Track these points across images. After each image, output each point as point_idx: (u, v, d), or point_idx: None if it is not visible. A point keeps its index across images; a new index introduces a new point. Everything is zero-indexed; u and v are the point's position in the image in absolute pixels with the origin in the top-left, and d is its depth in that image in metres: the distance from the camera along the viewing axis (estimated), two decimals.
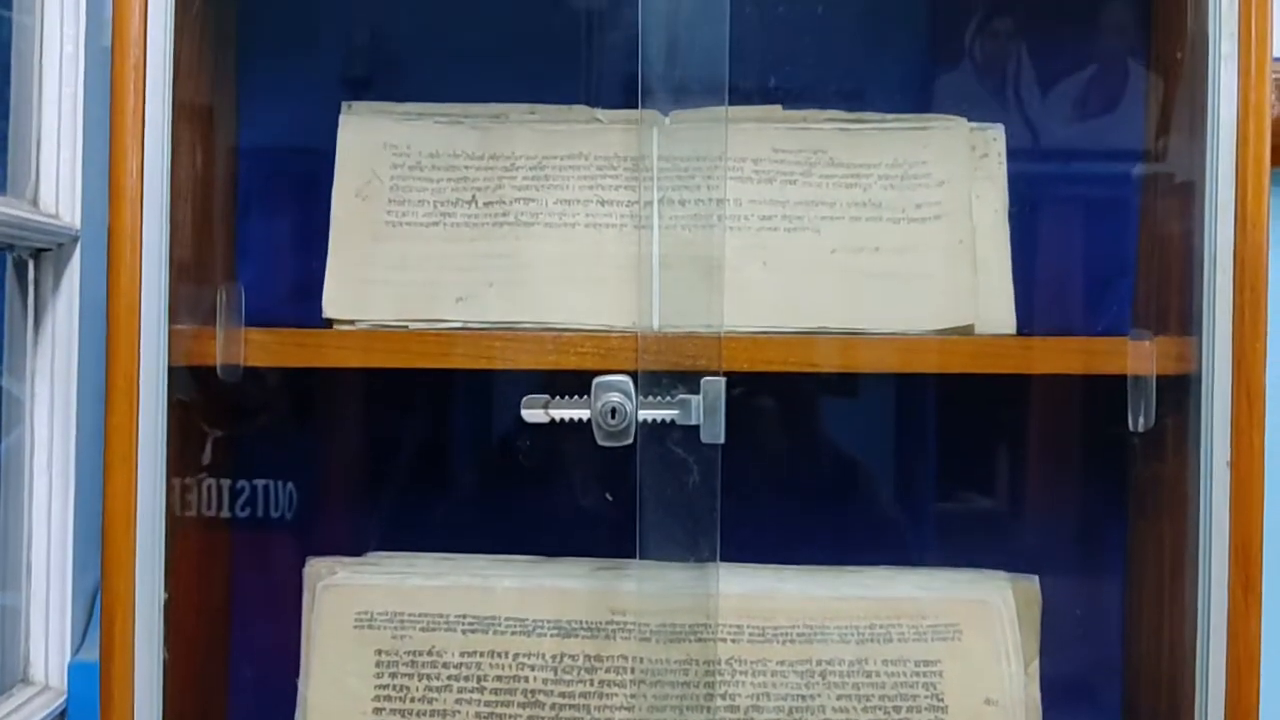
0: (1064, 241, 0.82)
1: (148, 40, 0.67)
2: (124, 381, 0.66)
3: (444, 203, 0.77)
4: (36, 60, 0.84)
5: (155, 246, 0.67)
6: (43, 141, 0.82)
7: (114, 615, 0.66)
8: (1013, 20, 0.82)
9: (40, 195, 0.81)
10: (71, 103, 0.82)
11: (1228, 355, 0.66)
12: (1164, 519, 0.74)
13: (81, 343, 0.84)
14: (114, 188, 0.66)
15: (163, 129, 0.67)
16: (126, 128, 0.67)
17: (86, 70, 0.84)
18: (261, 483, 0.80)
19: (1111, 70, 0.82)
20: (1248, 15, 0.67)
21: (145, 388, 0.66)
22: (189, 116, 0.71)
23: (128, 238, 0.66)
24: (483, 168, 0.78)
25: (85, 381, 0.83)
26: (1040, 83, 0.83)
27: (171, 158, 0.67)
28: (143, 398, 0.66)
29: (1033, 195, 0.80)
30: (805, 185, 0.78)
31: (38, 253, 0.81)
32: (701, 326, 0.70)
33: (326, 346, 0.71)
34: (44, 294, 0.82)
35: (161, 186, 0.67)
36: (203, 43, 0.73)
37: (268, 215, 0.82)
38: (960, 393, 0.79)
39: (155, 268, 0.66)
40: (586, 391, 0.68)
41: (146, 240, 0.66)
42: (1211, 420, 0.66)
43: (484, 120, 0.79)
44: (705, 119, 0.72)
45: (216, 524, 0.80)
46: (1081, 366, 0.71)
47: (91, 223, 0.83)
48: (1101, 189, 0.82)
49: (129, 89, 0.66)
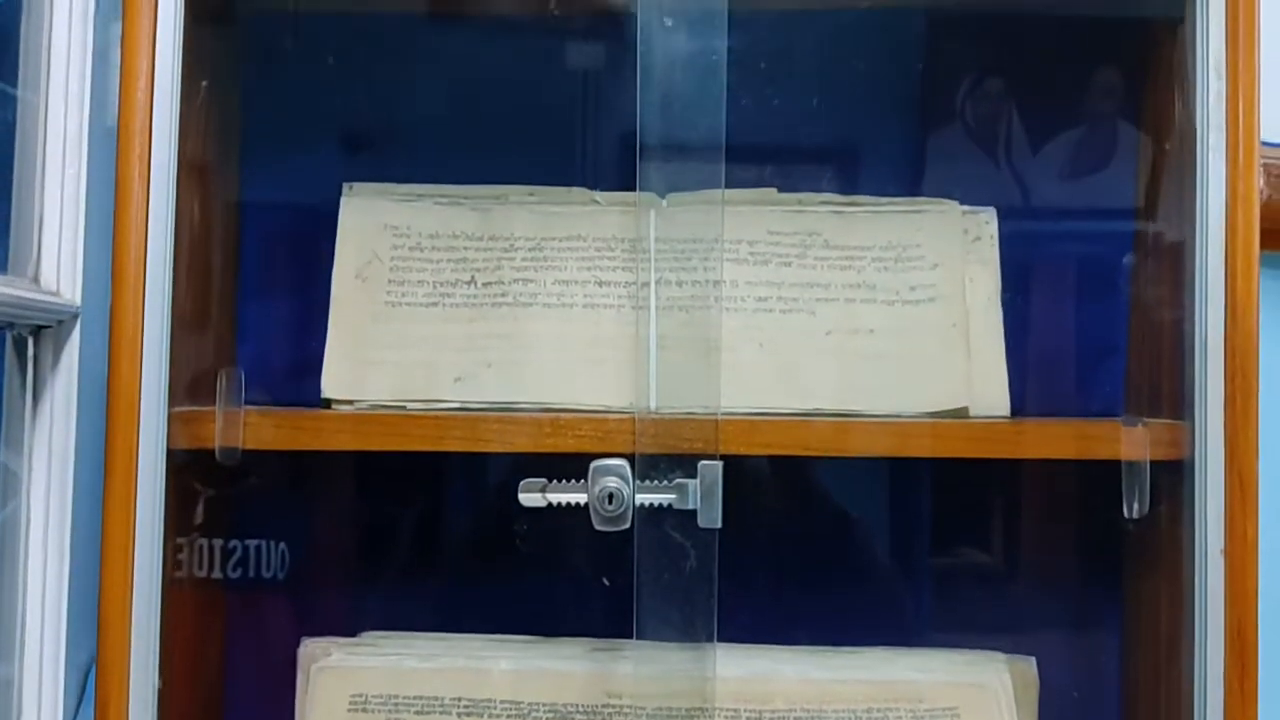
0: (1056, 322, 0.83)
1: (153, 130, 0.69)
2: (122, 468, 0.67)
3: (443, 283, 0.78)
4: (41, 138, 0.84)
5: (156, 334, 0.68)
6: (45, 219, 0.82)
7: (108, 695, 0.66)
8: (1005, 106, 0.84)
9: (42, 273, 0.81)
10: (75, 182, 0.83)
11: (1220, 443, 0.67)
12: (1160, 603, 0.74)
13: (80, 418, 0.84)
14: (117, 276, 0.68)
15: (167, 219, 0.68)
16: (130, 217, 0.68)
17: (90, 148, 0.85)
18: (257, 562, 0.80)
19: (1102, 155, 0.83)
20: (1234, 107, 0.69)
21: (144, 474, 0.67)
22: (192, 201, 0.72)
23: (129, 325, 0.67)
24: (482, 248, 0.79)
25: (83, 457, 0.83)
26: (1032, 167, 0.84)
27: (175, 243, 0.69)
28: (141, 484, 0.67)
29: (1025, 277, 0.82)
30: (800, 267, 0.79)
31: (38, 330, 0.81)
32: (699, 407, 0.70)
33: (324, 430, 0.71)
34: (43, 371, 0.82)
35: (164, 273, 0.68)
36: (207, 131, 0.74)
37: (269, 294, 0.83)
38: (956, 474, 0.79)
39: (156, 355, 0.67)
40: (584, 473, 0.69)
41: (148, 329, 0.67)
42: (1205, 508, 0.67)
43: (484, 201, 0.80)
44: (702, 201, 0.73)
45: (211, 601, 0.80)
46: (1075, 451, 0.71)
47: (92, 299, 0.83)
48: (1093, 270, 0.84)
49: (134, 177, 0.68)
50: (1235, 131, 0.68)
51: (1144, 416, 0.72)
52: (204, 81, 0.71)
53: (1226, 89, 0.68)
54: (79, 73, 0.85)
